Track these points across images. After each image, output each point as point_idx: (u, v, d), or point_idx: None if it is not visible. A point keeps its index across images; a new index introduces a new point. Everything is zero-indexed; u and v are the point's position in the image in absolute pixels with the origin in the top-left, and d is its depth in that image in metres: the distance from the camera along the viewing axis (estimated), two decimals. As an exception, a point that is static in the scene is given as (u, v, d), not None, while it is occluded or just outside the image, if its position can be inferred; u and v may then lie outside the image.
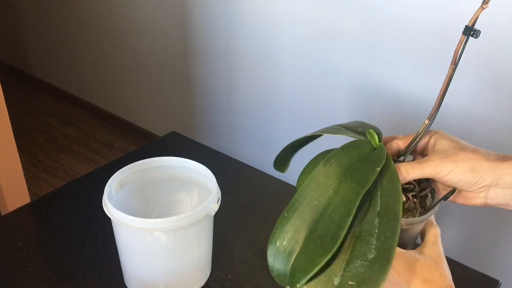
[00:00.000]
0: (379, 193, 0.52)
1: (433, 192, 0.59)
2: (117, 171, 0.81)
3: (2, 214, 1.34)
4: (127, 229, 0.74)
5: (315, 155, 0.61)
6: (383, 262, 0.48)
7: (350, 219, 0.49)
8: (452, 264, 0.92)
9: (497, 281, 0.89)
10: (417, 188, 0.59)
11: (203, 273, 0.85)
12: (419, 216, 0.57)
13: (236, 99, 2.06)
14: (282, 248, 0.50)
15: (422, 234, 0.58)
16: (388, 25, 1.50)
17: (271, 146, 2.03)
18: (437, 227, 0.58)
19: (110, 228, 0.79)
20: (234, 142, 2.16)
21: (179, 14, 2.09)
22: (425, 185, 0.59)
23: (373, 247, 0.49)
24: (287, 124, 1.93)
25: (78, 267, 0.87)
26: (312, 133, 0.62)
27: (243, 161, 1.19)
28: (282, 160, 0.67)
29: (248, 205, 1.04)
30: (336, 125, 0.63)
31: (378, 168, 0.53)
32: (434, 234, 0.57)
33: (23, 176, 1.40)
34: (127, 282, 0.84)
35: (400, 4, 1.46)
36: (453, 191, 0.57)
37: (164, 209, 0.90)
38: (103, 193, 0.77)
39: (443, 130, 0.62)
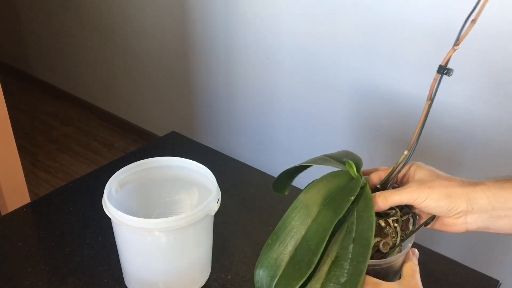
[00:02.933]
0: (355, 221, 0.57)
1: (414, 216, 0.62)
2: (117, 171, 0.81)
3: (2, 214, 1.34)
4: (127, 229, 0.74)
5: (313, 173, 0.65)
6: (353, 285, 0.53)
7: (324, 245, 0.54)
8: (452, 264, 0.92)
9: (497, 281, 0.89)
10: (398, 213, 0.61)
11: (203, 273, 0.85)
12: (400, 239, 0.60)
13: (236, 99, 2.06)
14: (266, 273, 0.56)
15: (401, 268, 0.61)
16: (388, 26, 1.50)
17: (271, 146, 2.03)
18: (414, 262, 0.61)
19: (110, 228, 0.79)
20: (234, 142, 2.16)
21: (179, 14, 2.09)
22: (406, 210, 0.62)
23: (346, 271, 0.54)
24: (287, 124, 1.93)
25: (78, 267, 0.87)
26: (301, 164, 0.66)
27: (243, 161, 1.19)
28: (281, 185, 0.72)
29: (248, 205, 1.04)
30: (324, 155, 0.68)
31: (352, 198, 0.57)
32: (412, 269, 0.60)
33: (23, 176, 1.40)
34: (127, 282, 0.84)
35: (399, 5, 1.46)
36: (433, 217, 0.60)
37: (164, 209, 0.90)
38: (103, 193, 0.77)
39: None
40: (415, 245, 0.95)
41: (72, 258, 0.89)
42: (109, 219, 0.76)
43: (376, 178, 0.63)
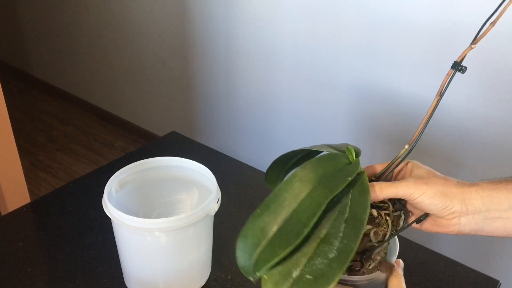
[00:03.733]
0: (349, 203, 0.56)
1: (406, 213, 0.62)
2: (117, 171, 0.81)
3: (2, 214, 1.34)
4: (127, 229, 0.74)
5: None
6: (342, 260, 0.51)
7: (315, 219, 0.53)
8: (452, 264, 0.92)
9: (497, 281, 0.89)
10: (391, 208, 0.61)
11: (203, 273, 0.86)
12: (391, 233, 0.60)
13: (236, 99, 2.06)
14: (250, 241, 0.55)
15: (387, 282, 0.61)
16: (388, 26, 1.50)
17: (271, 146, 2.03)
18: (399, 273, 0.61)
19: (110, 228, 0.79)
20: (234, 142, 2.16)
21: (179, 14, 2.09)
22: (399, 206, 0.62)
23: (335, 248, 0.53)
24: (287, 124, 1.93)
25: (78, 267, 0.87)
26: (299, 149, 0.65)
27: (243, 161, 1.19)
28: (274, 176, 0.69)
29: (248, 205, 1.04)
30: (324, 144, 0.66)
31: (350, 178, 0.56)
32: (398, 281, 0.60)
33: (23, 176, 1.40)
34: (127, 282, 0.84)
35: (400, 5, 1.46)
36: (426, 215, 0.60)
37: (164, 209, 0.90)
38: (103, 193, 0.77)
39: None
40: (414, 244, 0.95)
41: (72, 258, 0.89)
42: (109, 219, 0.76)
43: (371, 171, 0.63)
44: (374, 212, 0.60)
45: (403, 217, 0.62)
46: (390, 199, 0.61)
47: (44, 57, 2.98)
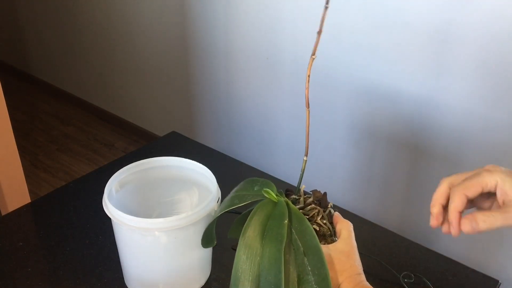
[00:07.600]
0: (296, 237, 0.60)
1: (333, 207, 0.70)
2: (117, 171, 0.81)
3: (2, 214, 1.34)
4: (127, 229, 0.74)
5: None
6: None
7: (282, 274, 0.56)
8: (452, 264, 0.92)
9: (497, 281, 0.89)
10: (321, 210, 0.67)
11: (203, 273, 0.86)
12: (333, 229, 0.66)
13: (236, 99, 2.06)
14: None
15: (337, 231, 0.67)
16: (388, 25, 1.50)
17: (271, 146, 2.03)
18: (348, 222, 0.67)
19: (110, 228, 0.79)
20: (234, 142, 2.16)
21: (179, 14, 2.09)
22: (324, 203, 0.69)
23: (313, 282, 0.56)
24: (287, 124, 1.93)
25: (78, 267, 0.87)
26: (225, 211, 0.68)
27: (243, 161, 1.19)
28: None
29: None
30: (232, 194, 0.70)
31: (286, 221, 0.60)
32: (347, 230, 0.66)
33: (23, 176, 1.40)
34: (127, 282, 0.84)
35: (400, 5, 1.46)
36: None
37: (164, 209, 0.90)
38: (103, 193, 0.77)
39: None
40: (414, 244, 0.95)
41: (72, 258, 0.89)
42: (109, 219, 0.76)
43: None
44: (316, 227, 0.65)
45: (332, 212, 0.69)
46: (314, 201, 0.68)
47: (44, 57, 2.98)
